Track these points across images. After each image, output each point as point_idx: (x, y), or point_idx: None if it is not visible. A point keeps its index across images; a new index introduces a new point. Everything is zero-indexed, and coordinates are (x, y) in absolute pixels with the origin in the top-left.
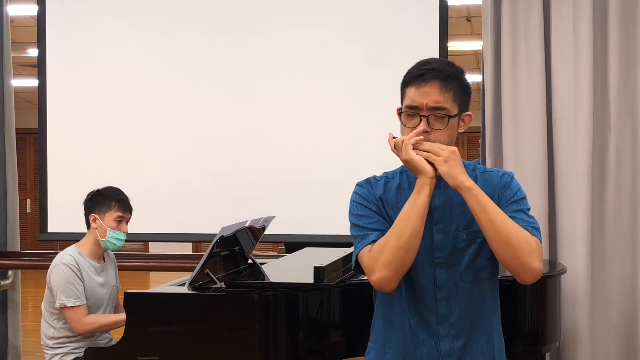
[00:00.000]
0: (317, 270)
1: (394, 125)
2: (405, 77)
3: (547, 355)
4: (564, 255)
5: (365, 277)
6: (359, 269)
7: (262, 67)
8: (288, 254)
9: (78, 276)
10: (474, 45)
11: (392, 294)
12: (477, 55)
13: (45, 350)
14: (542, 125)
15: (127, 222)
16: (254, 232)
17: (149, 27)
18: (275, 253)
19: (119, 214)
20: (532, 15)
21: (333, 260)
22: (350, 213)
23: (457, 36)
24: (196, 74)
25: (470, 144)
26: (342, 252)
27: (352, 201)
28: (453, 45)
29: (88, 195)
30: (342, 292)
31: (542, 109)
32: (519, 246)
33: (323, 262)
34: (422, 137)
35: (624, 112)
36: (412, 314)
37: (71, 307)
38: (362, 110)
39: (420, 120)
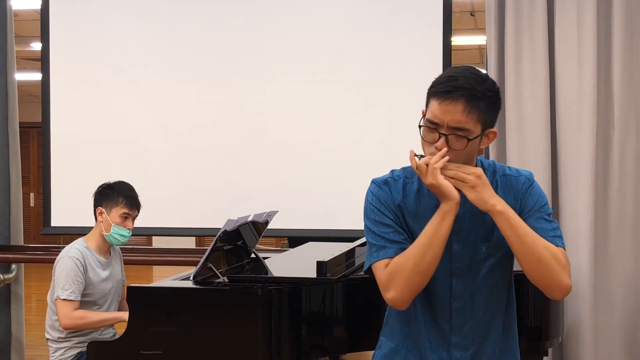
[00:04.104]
0: (320, 265)
1: (399, 120)
2: (432, 85)
3: (550, 350)
4: (567, 251)
5: None
6: (371, 274)
7: (266, 61)
8: (291, 249)
9: (81, 272)
10: (478, 40)
11: None
12: (480, 50)
13: (49, 344)
14: (545, 121)
15: (133, 220)
16: (257, 227)
17: (153, 20)
18: (278, 247)
19: (125, 210)
20: (536, 9)
21: (336, 254)
22: (366, 215)
23: (460, 31)
24: (200, 68)
25: None
26: (345, 246)
27: (369, 202)
28: (457, 40)
29: (98, 188)
30: (345, 287)
31: (546, 104)
32: (550, 265)
33: (326, 257)
34: (447, 158)
35: (628, 108)
36: (425, 321)
37: (64, 299)
38: (366, 104)
39: (440, 137)
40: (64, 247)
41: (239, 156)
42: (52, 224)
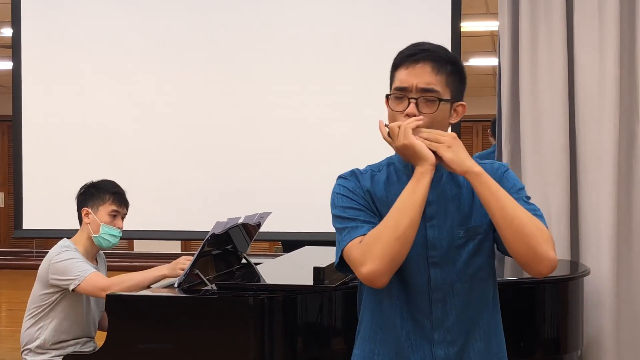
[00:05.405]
0: (317, 271)
1: None
2: (395, 59)
3: None
4: (587, 256)
5: None
6: (343, 266)
7: (258, 49)
8: (285, 254)
9: (79, 256)
10: (490, 25)
11: (382, 296)
12: (492, 37)
13: (24, 356)
14: (563, 114)
15: (122, 218)
16: (249, 230)
17: (135, 5)
18: (271, 252)
19: (114, 207)
20: None
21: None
22: (333, 205)
23: (471, 15)
24: (186, 56)
25: (485, 134)
26: None
27: (336, 193)
28: (467, 26)
29: (81, 189)
30: (344, 295)
31: (564, 95)
32: (532, 234)
33: (323, 263)
34: (422, 121)
35: None
36: (404, 317)
37: (87, 276)
38: (368, 98)
39: (409, 104)
40: (35, 252)
41: (229, 152)
42: (24, 227)
